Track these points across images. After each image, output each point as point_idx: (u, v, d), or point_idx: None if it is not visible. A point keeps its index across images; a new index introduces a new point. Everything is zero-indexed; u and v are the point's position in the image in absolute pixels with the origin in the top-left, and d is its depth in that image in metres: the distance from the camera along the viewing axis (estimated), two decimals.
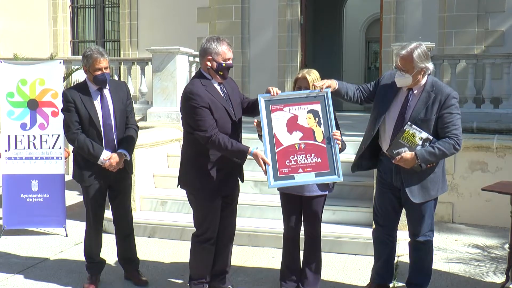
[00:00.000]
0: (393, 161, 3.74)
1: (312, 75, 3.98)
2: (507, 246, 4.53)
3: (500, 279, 4.60)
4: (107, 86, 4.36)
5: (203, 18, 11.00)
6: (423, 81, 3.78)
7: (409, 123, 3.72)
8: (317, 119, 3.75)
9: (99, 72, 4.22)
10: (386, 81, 3.97)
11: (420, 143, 3.68)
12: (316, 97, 3.78)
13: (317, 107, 3.75)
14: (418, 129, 3.69)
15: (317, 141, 3.74)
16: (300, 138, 3.75)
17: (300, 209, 4.14)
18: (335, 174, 3.72)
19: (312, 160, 3.73)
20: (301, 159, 3.73)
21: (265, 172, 3.72)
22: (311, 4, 11.84)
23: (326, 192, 4.12)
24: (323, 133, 3.74)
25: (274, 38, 10.32)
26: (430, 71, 3.78)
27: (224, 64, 3.81)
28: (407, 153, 3.66)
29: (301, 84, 3.98)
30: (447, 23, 9.30)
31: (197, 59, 8.17)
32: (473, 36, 9.19)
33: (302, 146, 3.74)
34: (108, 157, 4.22)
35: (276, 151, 3.75)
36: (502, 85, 7.39)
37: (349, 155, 6.44)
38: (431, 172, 3.82)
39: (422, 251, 4.03)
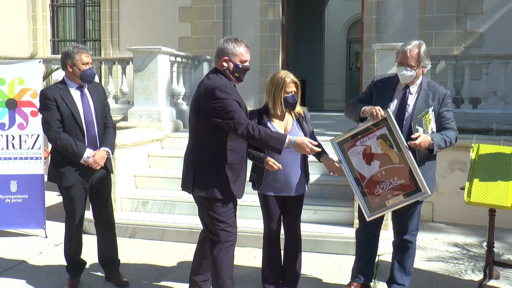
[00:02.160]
0: (413, 135, 3.73)
1: (293, 75, 3.97)
2: (485, 244, 4.60)
3: (478, 276, 4.66)
4: (86, 85, 4.32)
5: (184, 17, 10.96)
6: (419, 80, 3.92)
7: (432, 107, 3.85)
8: (387, 142, 3.76)
9: (87, 67, 4.20)
10: (380, 81, 4.09)
11: (430, 132, 3.83)
12: (380, 122, 3.77)
13: (384, 130, 3.76)
14: (434, 119, 3.87)
15: (394, 163, 3.76)
16: (379, 166, 3.82)
17: (280, 209, 4.14)
18: (421, 190, 3.74)
19: (396, 183, 3.79)
20: (386, 185, 3.82)
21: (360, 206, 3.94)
22: (292, 4, 11.88)
23: (305, 190, 4.15)
24: (397, 154, 3.75)
25: (256, 38, 10.32)
26: (427, 70, 3.97)
27: (240, 66, 3.70)
28: (425, 135, 3.73)
29: (291, 89, 3.93)
30: (427, 24, 9.40)
31: (178, 59, 8.14)
32: (452, 37, 9.30)
33: (384, 173, 3.81)
34: (91, 154, 4.18)
35: (363, 185, 3.90)
36: (480, 85, 7.49)
37: (331, 155, 6.49)
38: (429, 169, 3.92)
39: (407, 250, 4.07)
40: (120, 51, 11.30)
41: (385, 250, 5.07)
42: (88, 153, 4.18)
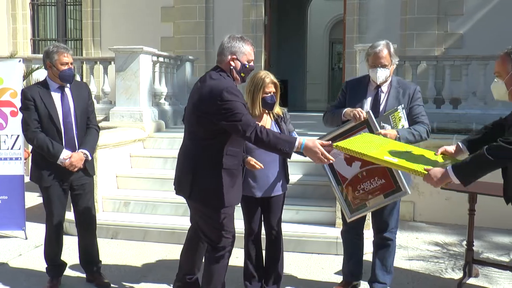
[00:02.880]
0: (375, 132, 3.76)
1: (273, 75, 3.98)
2: (465, 243, 4.65)
3: (458, 275, 4.71)
4: (68, 85, 4.28)
5: (167, 17, 10.92)
6: (390, 78, 4.01)
7: (402, 105, 3.90)
8: None
9: (65, 67, 4.15)
10: (351, 83, 4.20)
11: (400, 128, 3.87)
12: (361, 122, 3.79)
13: (365, 131, 3.77)
14: (405, 116, 3.89)
15: (374, 164, 3.70)
16: (360, 166, 3.83)
17: (260, 209, 4.15)
18: (401, 190, 3.77)
19: (377, 183, 3.81)
20: (367, 186, 3.84)
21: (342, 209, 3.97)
22: (275, 4, 11.90)
23: (285, 190, 4.17)
24: None
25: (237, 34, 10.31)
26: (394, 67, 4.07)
27: (247, 66, 3.53)
28: (391, 130, 3.78)
29: (270, 89, 3.92)
30: (409, 25, 9.49)
31: (160, 59, 8.11)
32: (433, 38, 9.40)
33: (364, 173, 3.83)
34: (68, 156, 4.13)
35: (344, 186, 3.93)
36: (461, 86, 7.58)
37: None
38: None
39: (388, 248, 4.12)
40: (102, 50, 11.23)
41: (366, 249, 5.10)
42: (65, 154, 4.13)
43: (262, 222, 4.22)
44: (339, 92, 4.25)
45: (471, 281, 4.54)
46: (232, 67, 3.50)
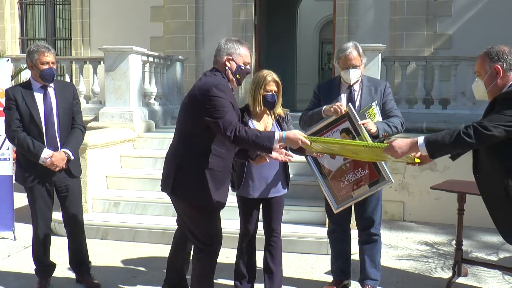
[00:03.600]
0: (356, 123, 3.81)
1: (275, 75, 3.93)
2: (454, 242, 4.68)
3: (447, 274, 4.74)
4: (52, 85, 4.25)
5: (156, 17, 10.88)
6: (360, 78, 4.13)
7: (376, 102, 4.01)
8: (350, 135, 3.83)
9: (46, 66, 4.13)
10: (323, 85, 4.35)
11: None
12: (342, 116, 3.84)
13: (346, 124, 3.84)
14: (379, 112, 4.01)
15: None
16: (343, 158, 3.90)
17: (259, 210, 4.12)
18: (385, 179, 3.86)
19: (361, 174, 3.91)
20: (351, 177, 3.93)
21: (327, 199, 4.04)
22: (265, 5, 11.89)
23: (286, 191, 4.12)
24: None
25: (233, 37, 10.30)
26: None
27: (243, 67, 3.54)
28: (370, 122, 3.85)
29: (272, 87, 3.89)
30: (398, 26, 9.53)
31: (150, 59, 8.09)
32: (422, 38, 9.45)
33: (348, 165, 3.92)
34: (49, 155, 4.09)
35: (329, 178, 4.01)
36: (450, 86, 7.63)
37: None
38: None
39: (375, 243, 4.18)
40: (91, 50, 11.16)
41: (356, 249, 5.11)
42: (46, 153, 4.09)
43: (258, 224, 4.18)
44: (312, 96, 4.30)
45: (461, 280, 4.57)
46: (227, 68, 3.51)
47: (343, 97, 4.10)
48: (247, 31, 10.34)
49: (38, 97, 4.19)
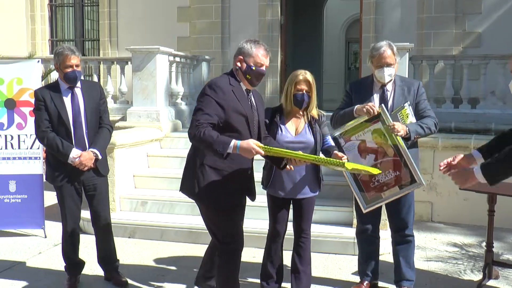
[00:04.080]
0: (388, 124, 3.83)
1: (310, 75, 3.90)
2: (484, 244, 4.60)
3: (477, 276, 4.66)
4: (79, 85, 4.32)
5: (183, 17, 10.95)
6: (393, 77, 4.08)
7: (408, 102, 3.98)
8: (382, 136, 3.86)
9: (69, 69, 4.19)
10: (355, 84, 4.29)
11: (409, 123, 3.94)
12: (374, 116, 3.87)
13: (379, 125, 3.86)
14: (412, 112, 3.98)
15: (389, 156, 3.88)
16: (374, 159, 3.93)
17: (288, 211, 4.10)
18: (416, 181, 3.86)
19: (391, 175, 3.91)
20: (382, 178, 3.93)
21: (356, 199, 4.03)
22: (291, 4, 11.87)
23: (317, 192, 4.09)
24: (392, 147, 3.85)
25: (254, 38, 10.31)
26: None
27: (254, 68, 3.52)
28: (401, 124, 3.85)
29: (302, 86, 3.87)
30: (426, 24, 9.40)
31: (177, 59, 8.14)
32: (451, 37, 9.31)
33: (379, 166, 3.90)
34: (78, 155, 4.15)
35: (359, 179, 4.01)
36: (479, 85, 7.51)
37: None
38: (416, 158, 4.02)
39: (409, 244, 4.15)
40: (119, 51, 11.29)
41: (384, 250, 5.07)
42: (74, 153, 4.15)
43: (288, 223, 4.17)
44: (343, 95, 4.30)
45: (491, 283, 4.49)
46: (238, 68, 3.56)
47: (376, 97, 4.07)
48: (273, 30, 10.32)
49: (66, 97, 4.25)
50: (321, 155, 3.94)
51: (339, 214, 5.65)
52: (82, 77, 4.44)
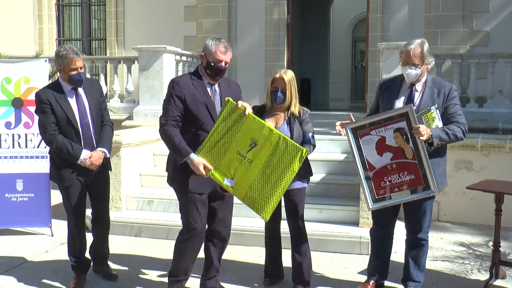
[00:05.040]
0: (413, 126, 3.75)
1: (289, 74, 4.10)
2: (491, 244, 4.58)
3: (484, 276, 4.64)
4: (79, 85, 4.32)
5: (190, 16, 10.96)
6: (424, 77, 3.97)
7: (436, 105, 3.87)
8: (404, 136, 3.78)
9: (74, 72, 4.17)
10: (385, 82, 4.18)
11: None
12: (401, 115, 3.77)
13: (403, 124, 3.77)
14: (439, 116, 3.86)
15: (407, 158, 3.79)
16: (391, 158, 3.84)
17: (280, 205, 4.21)
18: (430, 188, 3.78)
19: (405, 178, 3.82)
20: (395, 178, 3.85)
21: (364, 195, 3.97)
22: (298, 3, 11.86)
23: (306, 185, 4.20)
24: (412, 150, 3.77)
25: (261, 37, 10.31)
26: (431, 66, 4.02)
27: (213, 64, 3.81)
28: (424, 126, 3.75)
29: (278, 84, 4.08)
30: (433, 23, 9.36)
31: (183, 58, 8.15)
32: (458, 36, 9.25)
33: (394, 166, 3.84)
34: (88, 156, 4.18)
35: (370, 175, 3.91)
36: (486, 84, 7.47)
37: (337, 154, 6.48)
38: (437, 166, 3.92)
39: (421, 247, 4.12)
40: (126, 50, 11.31)
41: (394, 249, 5.05)
42: (85, 154, 4.18)
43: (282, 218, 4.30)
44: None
45: (498, 282, 4.47)
46: (200, 63, 3.94)
47: (402, 99, 3.96)
48: (280, 29, 10.31)
49: (72, 99, 4.25)
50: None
51: (346, 213, 5.63)
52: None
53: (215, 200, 4.02)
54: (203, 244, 4.08)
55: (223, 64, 3.85)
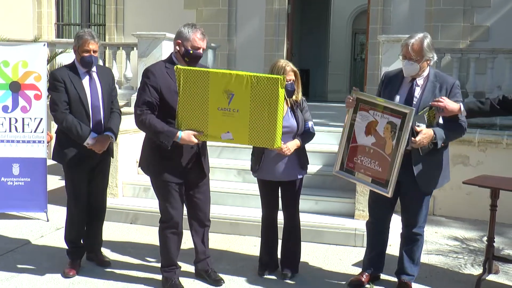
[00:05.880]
0: (415, 128, 3.74)
1: (293, 65, 4.09)
2: (485, 239, 4.60)
3: (477, 271, 4.67)
4: (95, 69, 4.37)
5: (190, 4, 10.92)
6: (426, 72, 3.92)
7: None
8: (393, 132, 3.78)
9: (86, 54, 4.24)
10: (388, 75, 4.14)
11: (435, 125, 3.84)
12: (401, 112, 3.75)
13: (397, 121, 3.75)
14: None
15: (385, 152, 3.82)
16: (372, 143, 3.89)
17: (277, 194, 4.27)
18: (386, 189, 3.83)
19: (374, 166, 3.88)
20: (366, 161, 3.92)
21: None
22: None
23: (300, 177, 4.24)
24: (392, 147, 3.78)
25: (261, 27, 10.28)
26: (433, 62, 3.96)
27: (191, 51, 3.81)
28: (427, 129, 3.75)
29: (291, 77, 4.03)
30: (434, 17, 9.35)
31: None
32: (458, 30, 9.25)
33: (371, 151, 3.89)
34: (95, 139, 4.24)
35: (350, 145, 3.99)
36: (485, 80, 7.46)
37: (334, 145, 6.48)
38: (438, 160, 3.95)
39: (416, 242, 4.12)
40: (125, 36, 11.27)
41: (390, 242, 5.07)
42: (92, 136, 4.22)
43: (278, 208, 4.35)
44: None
45: (491, 277, 4.49)
46: (177, 51, 3.88)
47: (402, 93, 3.92)
48: (280, 19, 10.28)
49: (85, 81, 4.32)
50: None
51: (342, 205, 5.65)
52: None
53: (191, 188, 4.08)
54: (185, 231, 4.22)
55: (201, 51, 3.85)
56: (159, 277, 4.26)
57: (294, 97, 4.13)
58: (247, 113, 3.64)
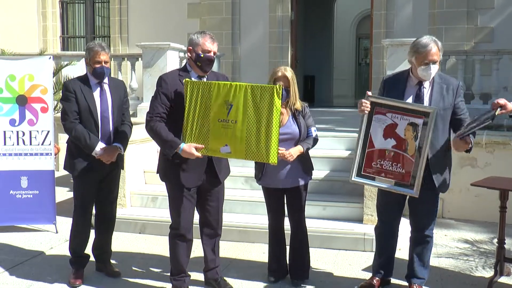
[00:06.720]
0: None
1: (289, 71, 4.11)
2: (496, 240, 4.57)
3: (489, 273, 4.63)
4: (107, 81, 4.42)
5: (193, 13, 10.97)
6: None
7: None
8: (415, 133, 3.78)
9: (98, 65, 4.30)
10: (389, 80, 4.11)
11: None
12: (423, 112, 3.75)
13: (419, 121, 3.75)
14: None
15: (407, 153, 3.80)
16: (392, 146, 3.86)
17: (283, 201, 4.27)
18: (412, 189, 3.81)
19: (396, 169, 3.85)
20: (387, 165, 3.88)
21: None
22: (301, 0, 11.84)
23: (303, 182, 4.22)
24: (415, 148, 3.78)
25: (265, 34, 10.31)
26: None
27: (202, 55, 3.86)
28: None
29: (279, 82, 4.00)
30: (437, 20, 9.34)
31: (188, 55, 8.14)
32: (463, 32, 9.24)
33: (392, 153, 3.85)
34: (103, 149, 4.27)
35: (366, 150, 3.93)
36: (491, 81, 7.44)
37: (341, 151, 6.47)
38: (449, 161, 3.99)
39: (426, 244, 4.11)
40: (129, 47, 11.34)
41: (399, 246, 5.05)
42: (100, 146, 4.26)
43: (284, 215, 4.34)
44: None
45: (503, 279, 4.46)
46: (189, 58, 3.96)
47: (409, 97, 3.90)
48: (284, 26, 10.31)
49: (95, 92, 4.37)
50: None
51: (350, 210, 5.62)
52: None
53: (205, 194, 4.08)
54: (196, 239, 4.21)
55: (212, 54, 3.90)
56: (169, 285, 4.25)
57: (295, 105, 4.13)
58: (244, 125, 3.65)
